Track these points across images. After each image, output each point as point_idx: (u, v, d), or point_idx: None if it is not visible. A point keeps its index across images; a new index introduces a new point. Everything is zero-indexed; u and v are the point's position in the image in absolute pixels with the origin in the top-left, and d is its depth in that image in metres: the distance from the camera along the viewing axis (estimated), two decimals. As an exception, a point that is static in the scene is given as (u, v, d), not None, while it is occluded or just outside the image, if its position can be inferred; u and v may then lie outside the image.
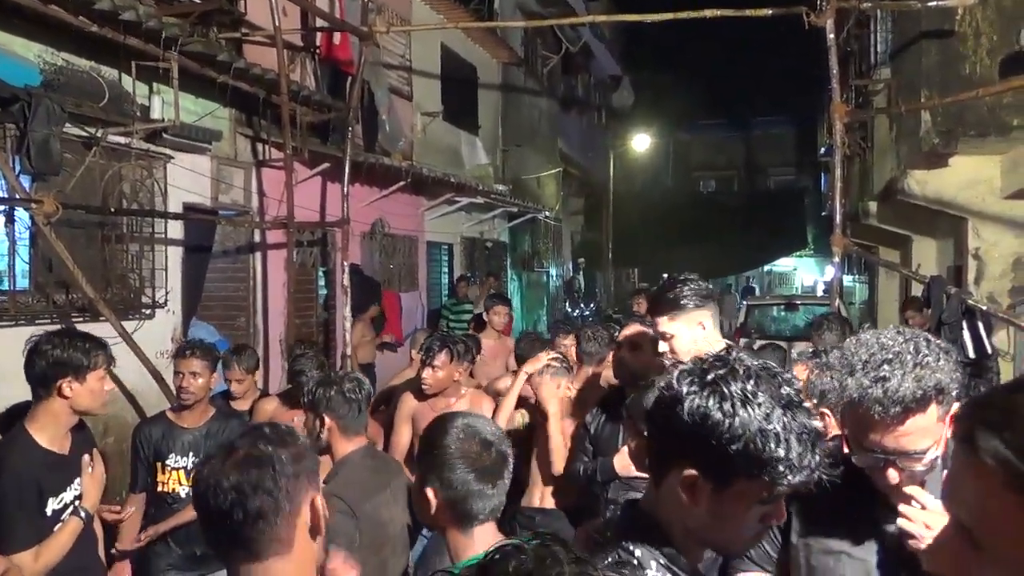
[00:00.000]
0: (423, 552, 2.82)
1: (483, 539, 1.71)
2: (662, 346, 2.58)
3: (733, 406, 1.13)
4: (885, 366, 1.45)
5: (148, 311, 5.85)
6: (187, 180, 6.23)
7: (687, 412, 1.15)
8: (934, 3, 5.99)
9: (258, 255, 7.27)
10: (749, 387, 1.15)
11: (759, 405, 1.13)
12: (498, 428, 1.87)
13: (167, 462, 3.59)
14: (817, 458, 1.15)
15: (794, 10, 5.65)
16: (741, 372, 1.17)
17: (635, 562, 1.19)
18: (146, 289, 5.84)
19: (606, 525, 1.33)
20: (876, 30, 9.30)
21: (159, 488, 3.60)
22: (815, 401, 1.65)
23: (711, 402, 1.14)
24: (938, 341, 1.53)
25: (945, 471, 1.59)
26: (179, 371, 3.59)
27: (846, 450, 1.57)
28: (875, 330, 1.58)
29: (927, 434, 1.48)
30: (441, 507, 1.71)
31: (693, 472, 1.16)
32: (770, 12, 5.77)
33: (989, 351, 4.08)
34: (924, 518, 1.44)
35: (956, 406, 1.48)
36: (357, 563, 2.43)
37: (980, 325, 4.00)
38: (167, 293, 6.00)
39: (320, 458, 1.64)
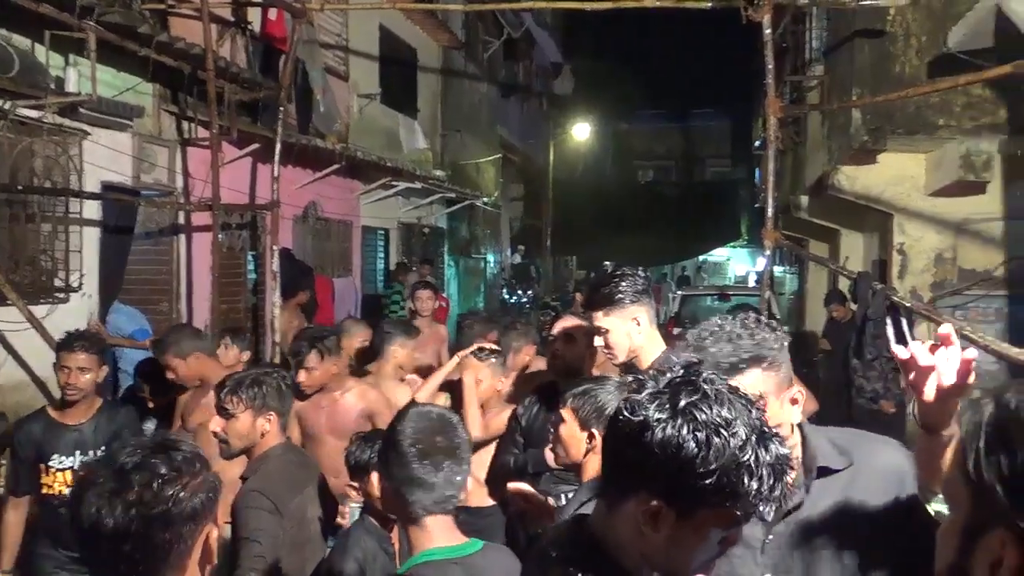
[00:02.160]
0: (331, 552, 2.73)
1: (439, 530, 1.70)
2: (597, 340, 2.56)
3: (707, 437, 1.06)
4: (709, 339, 1.56)
5: (61, 295, 5.57)
6: (106, 158, 5.93)
7: (657, 442, 1.07)
8: (867, 3, 6.10)
9: (182, 237, 7.00)
10: (724, 414, 1.08)
11: (733, 435, 1.07)
12: (453, 416, 1.83)
13: (51, 463, 3.34)
14: (783, 487, 1.10)
15: (732, 4, 5.67)
16: (713, 397, 1.10)
17: None
18: (59, 272, 5.55)
19: (554, 543, 1.26)
20: (811, 27, 9.47)
21: (44, 491, 3.35)
22: None
23: (684, 432, 1.06)
24: (767, 321, 1.62)
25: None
26: (64, 366, 3.33)
27: None
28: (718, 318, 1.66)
29: None
30: (387, 493, 1.72)
31: (658, 503, 1.09)
32: (709, 5, 5.79)
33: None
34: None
35: (796, 389, 1.56)
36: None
37: (903, 320, 4.10)
38: (82, 276, 5.72)
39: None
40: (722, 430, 1.07)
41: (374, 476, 1.71)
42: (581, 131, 22.82)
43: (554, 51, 20.69)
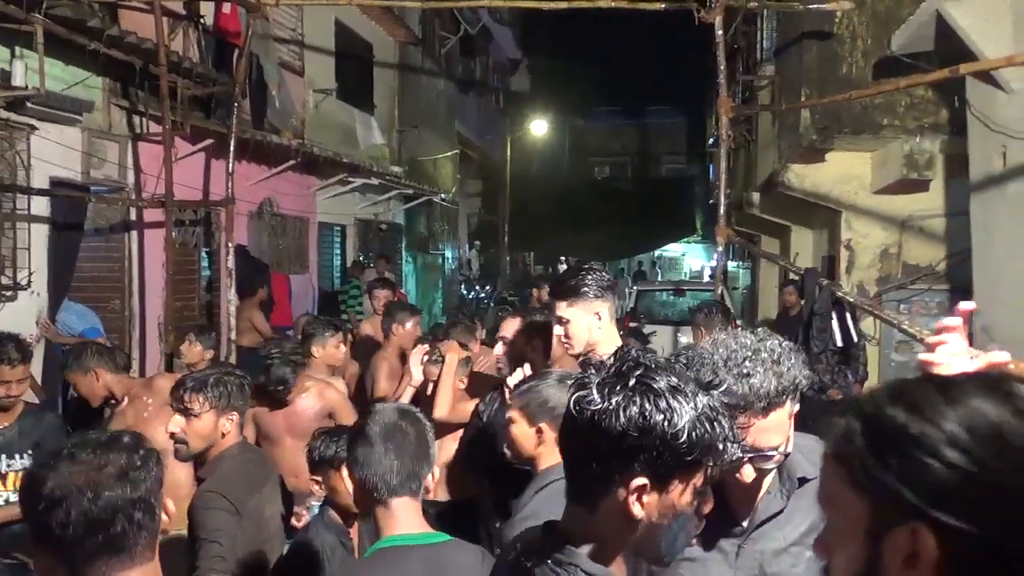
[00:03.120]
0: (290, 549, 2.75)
1: (407, 516, 1.74)
2: (557, 330, 2.59)
3: (667, 402, 1.11)
4: (747, 363, 1.49)
5: (9, 293, 5.45)
6: (55, 153, 5.81)
7: (624, 421, 1.11)
8: (815, 6, 6.26)
9: (134, 234, 6.88)
10: (672, 379, 1.14)
11: (687, 394, 1.13)
12: (417, 413, 1.89)
13: None
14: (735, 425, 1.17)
15: (685, 5, 5.78)
16: (653, 365, 1.16)
17: None
18: (7, 270, 5.43)
19: (528, 553, 1.25)
20: (763, 28, 9.66)
21: None
22: None
23: (646, 404, 1.11)
24: (784, 341, 1.59)
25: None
26: (3, 380, 3.26)
27: None
28: (728, 330, 1.63)
29: (781, 430, 1.52)
30: (356, 482, 1.76)
31: (643, 481, 1.12)
32: (662, 6, 5.88)
33: (855, 339, 4.34)
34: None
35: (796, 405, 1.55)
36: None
37: (848, 315, 4.24)
38: (31, 274, 5.60)
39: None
40: (677, 393, 1.12)
41: (344, 469, 1.75)
42: (538, 127, 22.90)
43: (511, 47, 20.73)
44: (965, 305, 1.37)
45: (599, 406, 1.13)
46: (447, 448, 3.52)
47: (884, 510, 0.78)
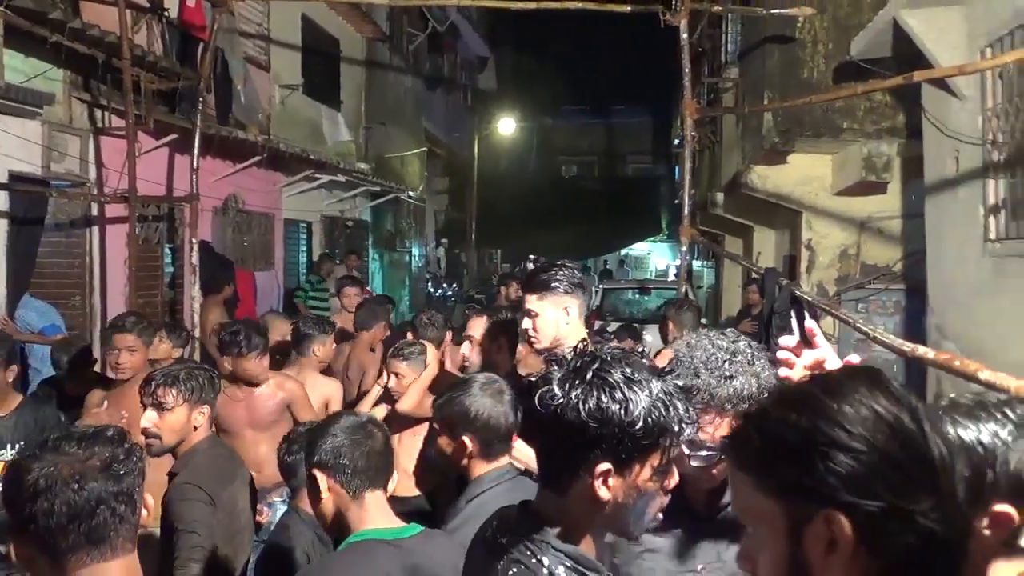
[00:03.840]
0: (264, 550, 2.76)
1: (377, 511, 1.81)
2: (525, 323, 2.63)
3: (623, 392, 1.19)
4: (727, 365, 1.56)
5: (-34, 289, 5.34)
6: (14, 146, 5.71)
7: (584, 413, 1.19)
8: (778, 11, 6.38)
9: (96, 230, 6.78)
10: (627, 370, 1.22)
11: (642, 382, 1.21)
12: (378, 421, 1.98)
13: None
14: (692, 410, 1.26)
15: (651, 8, 5.86)
16: (610, 359, 1.24)
17: (545, 571, 1.22)
18: (-36, 265, 5.33)
19: (503, 531, 1.32)
20: (727, 31, 9.80)
21: None
22: None
23: (603, 396, 1.19)
24: (752, 342, 1.66)
25: None
26: None
27: None
28: (699, 333, 1.69)
29: None
30: (331, 484, 1.81)
31: (607, 466, 1.20)
32: (628, 8, 5.96)
33: (814, 338, 4.45)
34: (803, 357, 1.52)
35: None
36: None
37: (806, 314, 4.34)
38: (-11, 270, 5.50)
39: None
40: (631, 383, 1.21)
41: (320, 479, 1.78)
42: (506, 125, 22.93)
43: (479, 45, 20.73)
44: (811, 324, 1.50)
45: (560, 400, 1.20)
46: (406, 444, 3.54)
47: (796, 507, 0.85)
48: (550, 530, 1.26)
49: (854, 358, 1.49)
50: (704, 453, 1.58)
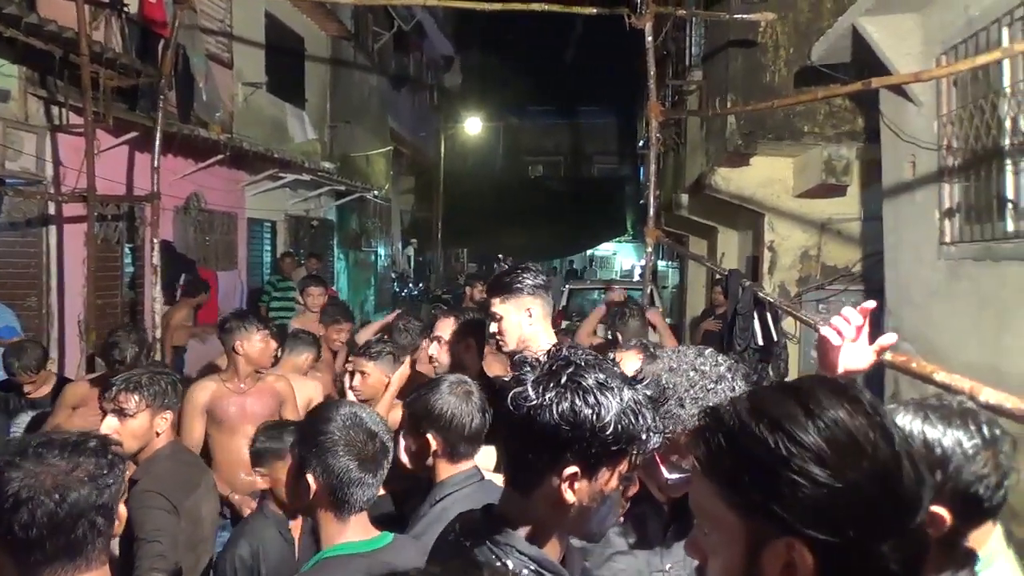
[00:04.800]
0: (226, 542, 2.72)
1: (357, 527, 1.76)
2: (492, 327, 2.63)
3: (596, 397, 1.20)
4: (710, 395, 1.58)
5: (-84, 290, 5.20)
6: (-34, 143, 5.57)
7: (556, 416, 1.19)
8: (740, 16, 6.46)
9: (52, 229, 6.64)
10: (600, 376, 1.22)
11: (614, 389, 1.22)
12: (381, 418, 1.89)
13: None
14: (659, 419, 1.27)
15: (616, 11, 5.90)
16: (583, 363, 1.24)
17: (510, 575, 1.21)
18: (-86, 265, 5.18)
19: (467, 533, 1.32)
20: (691, 34, 9.90)
21: None
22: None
23: (576, 400, 1.19)
24: (730, 363, 1.67)
25: None
26: None
27: None
28: (680, 353, 1.68)
29: None
30: (320, 493, 1.74)
31: (574, 469, 1.20)
32: (594, 11, 5.99)
33: (775, 338, 4.52)
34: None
35: None
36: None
37: (768, 315, 4.41)
38: (-60, 270, 5.35)
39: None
40: (604, 389, 1.21)
41: (309, 476, 1.72)
42: (472, 125, 22.92)
43: (445, 44, 20.67)
44: (868, 305, 1.50)
45: (534, 402, 1.21)
46: None
47: (759, 526, 0.84)
48: (515, 533, 1.26)
49: (888, 338, 1.52)
50: (678, 476, 1.61)
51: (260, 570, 2.44)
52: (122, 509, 1.36)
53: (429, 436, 2.06)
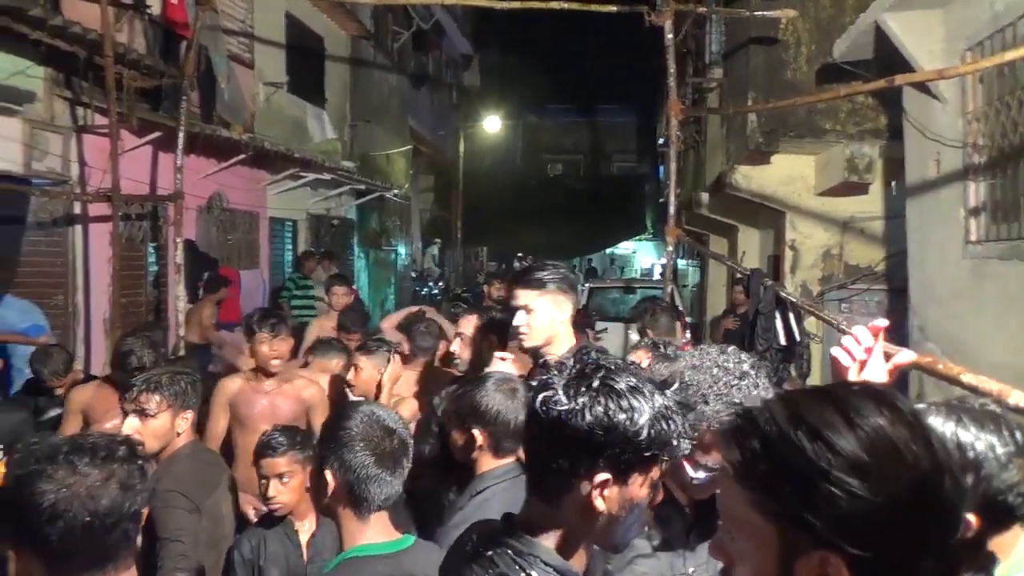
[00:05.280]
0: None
1: (377, 527, 1.75)
2: (520, 319, 2.60)
3: (629, 402, 1.17)
4: (734, 391, 1.56)
5: (-54, 289, 5.29)
6: (-6, 144, 5.66)
7: (590, 421, 1.16)
8: (761, 12, 6.42)
9: (78, 228, 6.73)
10: (632, 380, 1.20)
11: (646, 394, 1.20)
12: (399, 417, 1.89)
13: None
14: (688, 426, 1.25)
15: (636, 9, 5.87)
16: (614, 367, 1.22)
17: None
18: (-57, 264, 5.27)
19: (486, 542, 1.29)
20: (711, 32, 9.84)
21: None
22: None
23: (610, 404, 1.17)
24: (753, 361, 1.66)
25: None
26: None
27: None
28: (702, 351, 1.67)
29: None
30: (338, 490, 1.73)
31: (606, 476, 1.18)
32: (614, 8, 5.97)
33: (797, 339, 4.48)
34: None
35: None
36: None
37: (790, 315, 4.38)
38: (-31, 269, 5.44)
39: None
40: (637, 393, 1.19)
41: (328, 473, 1.73)
42: (491, 124, 22.91)
43: (464, 43, 20.69)
44: (880, 323, 1.47)
45: (566, 406, 1.18)
46: None
47: (793, 536, 0.80)
48: (539, 542, 1.23)
49: (905, 356, 1.49)
50: (704, 475, 1.59)
51: (260, 569, 2.46)
52: (143, 511, 1.37)
53: (475, 431, 2.10)
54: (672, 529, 1.70)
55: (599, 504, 1.19)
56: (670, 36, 5.96)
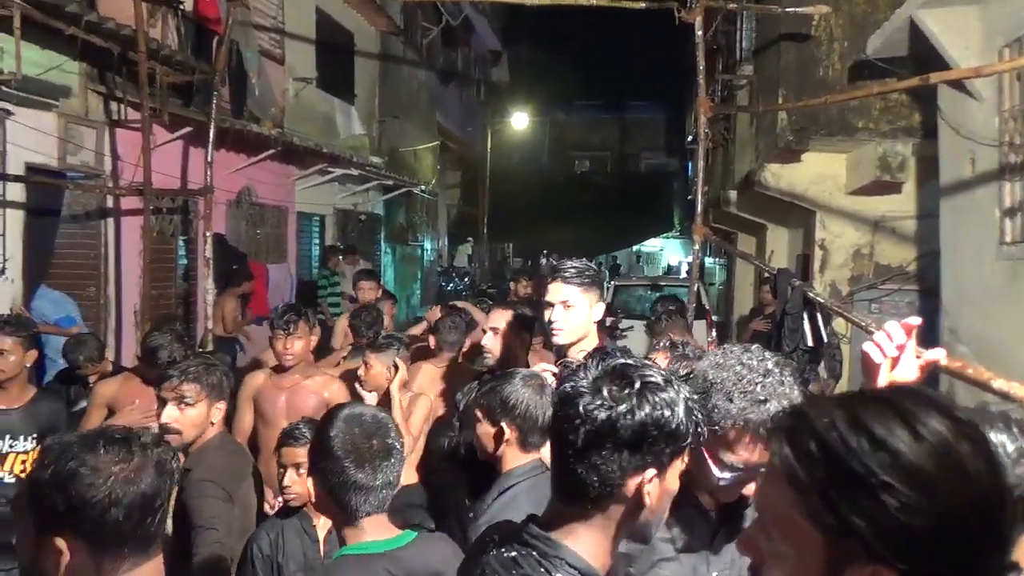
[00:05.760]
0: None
1: (372, 529, 1.73)
2: (558, 313, 2.58)
3: (667, 395, 1.19)
4: (759, 388, 1.54)
5: (-17, 279, 5.40)
6: (30, 138, 5.76)
7: (642, 420, 1.17)
8: (792, 9, 6.33)
9: (111, 221, 6.84)
10: (663, 375, 1.23)
11: (676, 387, 1.22)
12: (385, 417, 1.85)
13: None
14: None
15: (666, 5, 5.83)
16: (643, 365, 1.24)
17: None
18: (-20, 256, 5.38)
19: (502, 545, 1.28)
20: (742, 28, 9.74)
21: None
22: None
23: (656, 401, 1.18)
24: (777, 359, 1.63)
25: None
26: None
27: None
28: (725, 350, 1.65)
29: None
30: (322, 497, 1.72)
31: (653, 471, 1.19)
32: (643, 5, 5.93)
33: (824, 339, 4.42)
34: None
35: None
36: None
37: (818, 315, 4.32)
38: (5, 260, 5.55)
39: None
40: (670, 387, 1.21)
41: (308, 481, 1.72)
42: (519, 120, 22.90)
43: (492, 39, 20.69)
44: (913, 321, 1.45)
45: (612, 406, 1.18)
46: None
47: (843, 547, 0.77)
48: (564, 545, 1.22)
49: (936, 353, 1.47)
50: (730, 475, 1.58)
51: (278, 563, 2.48)
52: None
53: (503, 424, 2.12)
54: (696, 532, 1.68)
55: (647, 500, 1.20)
56: (700, 32, 5.89)
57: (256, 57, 8.68)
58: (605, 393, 1.19)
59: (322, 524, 2.59)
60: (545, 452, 2.16)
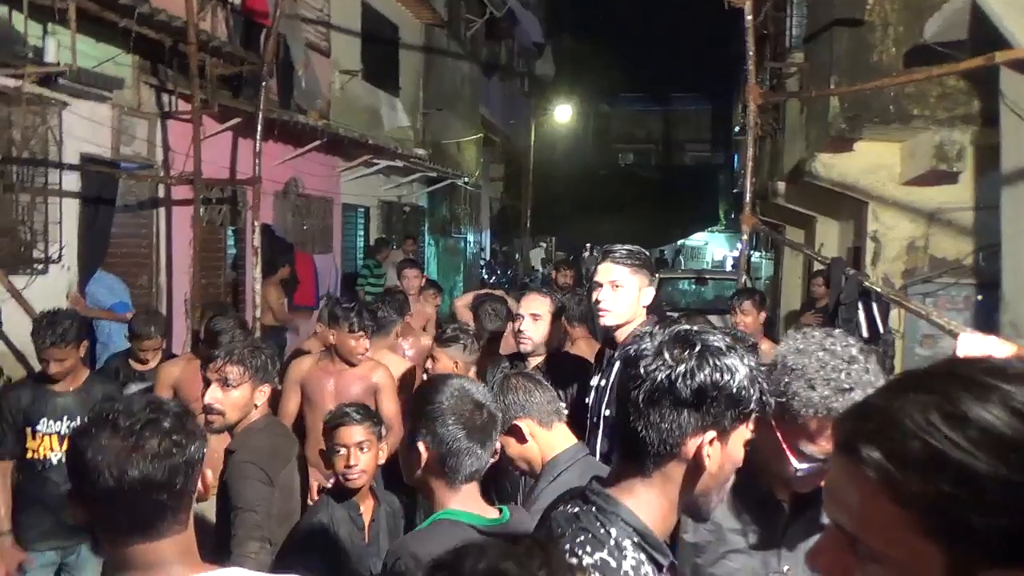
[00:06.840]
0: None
1: (467, 497, 1.78)
2: (606, 292, 2.57)
3: (729, 360, 1.20)
4: (843, 376, 1.49)
5: (40, 266, 5.54)
6: (85, 129, 5.89)
7: (701, 381, 1.18)
8: (846, -8, 6.18)
9: (162, 211, 6.97)
10: (726, 340, 1.23)
11: (740, 354, 1.22)
12: (484, 388, 1.90)
13: (38, 427, 3.40)
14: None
15: (715, -10, 5.73)
16: (705, 331, 1.26)
17: (612, 542, 1.20)
18: (38, 243, 5.52)
19: (568, 502, 1.32)
20: (792, 14, 9.53)
21: (29, 455, 3.41)
22: None
23: (717, 362, 1.19)
24: (862, 345, 1.57)
25: None
26: (43, 359, 3.40)
27: None
28: (806, 334, 1.59)
29: None
30: (431, 462, 1.75)
31: (713, 433, 1.20)
32: (692, -10, 5.83)
33: (881, 332, 4.30)
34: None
35: None
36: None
37: (875, 306, 4.20)
38: (62, 248, 5.69)
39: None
40: (733, 352, 1.22)
41: (420, 445, 1.75)
42: (562, 113, 22.80)
43: (537, 31, 20.61)
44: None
45: (672, 367, 1.20)
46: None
47: (968, 560, 0.68)
48: (621, 503, 1.25)
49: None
50: (807, 466, 1.53)
51: (331, 544, 2.49)
52: (208, 473, 1.38)
53: (519, 423, 2.12)
54: (768, 523, 1.63)
55: (706, 462, 1.21)
56: (749, 18, 5.79)
57: (303, 49, 8.76)
58: (667, 355, 1.21)
59: (367, 513, 2.61)
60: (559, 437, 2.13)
